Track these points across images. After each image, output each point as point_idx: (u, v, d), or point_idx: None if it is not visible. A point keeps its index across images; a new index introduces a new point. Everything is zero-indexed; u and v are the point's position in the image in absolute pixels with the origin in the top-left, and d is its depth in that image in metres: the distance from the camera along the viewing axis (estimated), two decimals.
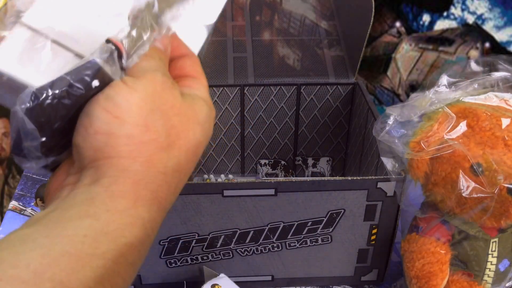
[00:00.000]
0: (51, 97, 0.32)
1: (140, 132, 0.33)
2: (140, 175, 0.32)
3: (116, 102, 0.32)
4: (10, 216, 0.89)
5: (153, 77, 0.34)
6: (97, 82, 0.33)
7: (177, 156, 0.34)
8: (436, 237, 0.64)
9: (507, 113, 0.61)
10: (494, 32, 1.41)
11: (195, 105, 0.36)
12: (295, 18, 0.94)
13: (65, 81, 0.33)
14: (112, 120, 0.32)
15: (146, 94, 0.33)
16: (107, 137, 0.32)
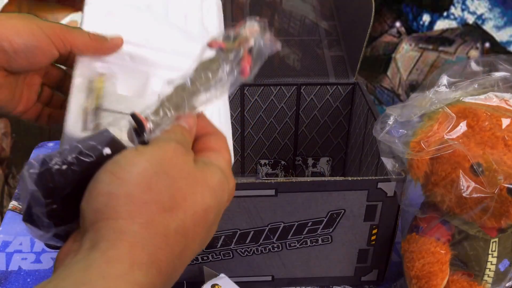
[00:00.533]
0: (60, 163, 0.32)
1: (141, 191, 0.32)
2: (138, 236, 0.31)
3: (121, 164, 0.33)
4: (10, 216, 0.89)
5: (165, 144, 0.35)
6: (109, 150, 0.34)
7: (182, 219, 0.33)
8: (436, 237, 0.64)
9: (507, 113, 0.61)
10: (494, 32, 1.41)
11: (206, 170, 0.36)
12: (295, 18, 0.94)
13: (76, 148, 0.33)
14: (114, 180, 0.32)
15: (153, 157, 0.33)
16: (107, 198, 0.32)
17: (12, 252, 0.81)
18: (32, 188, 0.32)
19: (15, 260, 0.80)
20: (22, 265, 0.79)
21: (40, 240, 0.35)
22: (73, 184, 0.33)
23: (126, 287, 0.30)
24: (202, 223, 0.35)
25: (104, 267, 0.30)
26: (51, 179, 0.32)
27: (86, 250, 0.31)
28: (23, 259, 0.80)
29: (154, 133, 0.36)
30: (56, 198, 0.33)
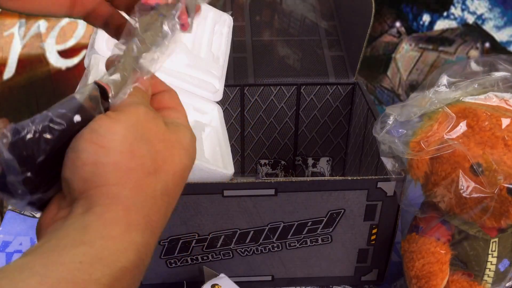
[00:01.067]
0: (33, 131, 0.33)
1: (126, 158, 0.33)
2: (131, 200, 0.33)
3: (101, 133, 0.33)
4: (10, 216, 0.89)
5: (135, 108, 0.36)
6: (79, 117, 0.34)
7: (164, 180, 0.35)
8: (436, 237, 0.64)
9: (507, 113, 0.61)
10: (494, 32, 1.41)
11: (179, 132, 0.38)
12: (295, 18, 0.94)
13: (47, 117, 0.33)
14: (98, 150, 0.33)
15: (129, 123, 0.34)
16: (94, 167, 0.33)
17: (12, 252, 0.81)
18: (7, 156, 0.32)
19: None
20: None
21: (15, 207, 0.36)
22: (46, 151, 0.33)
23: (124, 246, 0.32)
24: (181, 182, 0.37)
25: (101, 229, 0.31)
26: (24, 147, 0.33)
27: (80, 215, 0.32)
28: None
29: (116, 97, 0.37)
30: (30, 166, 0.33)
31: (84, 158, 0.33)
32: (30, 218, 0.89)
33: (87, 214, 0.32)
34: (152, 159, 0.35)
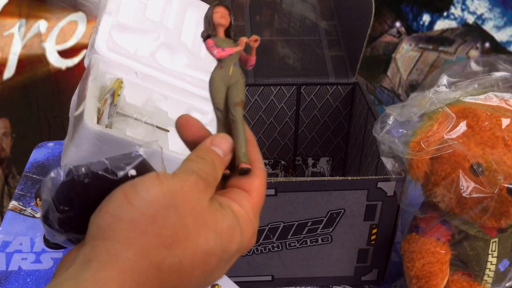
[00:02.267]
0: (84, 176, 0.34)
1: (146, 222, 0.32)
2: (129, 263, 0.32)
3: (137, 189, 0.33)
4: (10, 216, 0.89)
5: (186, 176, 0.35)
6: (134, 172, 0.35)
7: (179, 257, 0.33)
8: (436, 237, 0.64)
9: (507, 113, 0.61)
10: (494, 32, 1.41)
11: (218, 213, 0.35)
12: (295, 18, 0.94)
13: (103, 165, 0.34)
14: (124, 204, 0.32)
15: (168, 189, 0.33)
16: (113, 219, 0.32)
17: (12, 252, 0.81)
18: (53, 194, 0.33)
19: (15, 260, 0.80)
20: (22, 265, 0.79)
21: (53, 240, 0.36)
22: (93, 197, 0.34)
23: None
24: (201, 265, 0.34)
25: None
26: (73, 189, 0.34)
27: (79, 265, 0.32)
28: (23, 259, 0.80)
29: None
30: (74, 207, 0.34)
31: (109, 207, 0.33)
32: (30, 218, 0.89)
33: (84, 269, 0.31)
34: (174, 231, 0.33)
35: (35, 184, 0.96)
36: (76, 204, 0.34)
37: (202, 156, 0.37)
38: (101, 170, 0.34)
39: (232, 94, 0.42)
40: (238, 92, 0.42)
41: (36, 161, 1.03)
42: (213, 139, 0.39)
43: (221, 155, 0.38)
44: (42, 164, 1.02)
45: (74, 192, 0.34)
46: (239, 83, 0.42)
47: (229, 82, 0.42)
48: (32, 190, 0.95)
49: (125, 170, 0.34)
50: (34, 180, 0.98)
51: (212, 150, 0.38)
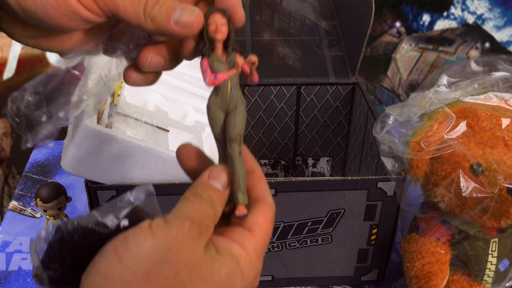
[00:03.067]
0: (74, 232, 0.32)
1: (138, 281, 0.31)
2: None
3: (128, 245, 0.31)
4: (10, 216, 0.89)
5: (179, 225, 0.33)
6: (127, 222, 0.33)
7: None
8: (436, 237, 0.64)
9: (507, 113, 0.61)
10: (494, 32, 1.41)
11: (214, 262, 0.34)
12: (295, 18, 0.94)
13: (93, 218, 0.32)
14: (115, 263, 0.31)
15: (161, 242, 0.32)
16: (103, 280, 0.31)
17: (12, 252, 0.81)
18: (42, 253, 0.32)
19: (15, 260, 0.80)
20: (22, 265, 0.79)
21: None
22: (84, 253, 0.32)
23: None
24: None
25: None
26: (63, 247, 0.32)
27: None
28: (23, 259, 0.80)
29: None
30: (65, 265, 0.33)
31: (100, 266, 0.31)
32: (30, 218, 0.89)
33: None
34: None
35: (35, 184, 0.96)
36: (67, 261, 0.32)
37: (199, 194, 0.35)
38: (91, 224, 0.32)
39: (229, 126, 0.38)
40: (236, 122, 0.38)
41: (36, 161, 1.03)
42: (210, 172, 0.37)
43: (220, 189, 0.36)
44: (42, 164, 1.02)
45: (64, 250, 0.32)
46: (239, 110, 0.38)
47: (227, 108, 0.38)
48: (32, 190, 0.95)
49: (117, 222, 0.33)
50: (34, 180, 0.98)
51: (210, 185, 0.36)
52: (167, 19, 0.36)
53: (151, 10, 0.36)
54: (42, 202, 0.76)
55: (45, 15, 0.35)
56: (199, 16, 0.36)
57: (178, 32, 0.36)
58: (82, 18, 0.36)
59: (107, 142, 0.59)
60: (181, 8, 0.36)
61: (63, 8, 0.35)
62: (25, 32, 0.38)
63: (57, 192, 0.77)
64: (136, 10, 0.36)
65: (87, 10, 0.35)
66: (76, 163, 0.60)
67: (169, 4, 0.36)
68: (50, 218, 0.80)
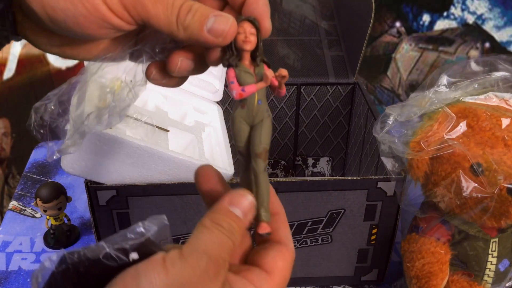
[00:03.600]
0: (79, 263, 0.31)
1: None
2: None
3: (139, 281, 0.29)
4: (10, 216, 0.89)
5: (196, 261, 0.31)
6: (136, 255, 0.31)
7: None
8: (436, 237, 0.64)
9: (507, 113, 0.61)
10: (494, 32, 1.41)
11: None
12: (295, 18, 0.94)
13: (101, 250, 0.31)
14: None
15: (175, 280, 0.30)
16: None
17: (12, 252, 0.81)
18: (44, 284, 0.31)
19: (15, 260, 0.80)
20: (22, 265, 0.79)
21: None
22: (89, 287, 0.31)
23: None
24: None
25: None
26: (67, 279, 0.30)
27: None
28: (23, 259, 0.80)
29: None
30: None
31: None
32: (30, 218, 0.89)
33: None
34: None
35: (35, 184, 0.96)
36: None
37: (219, 222, 0.33)
38: (98, 256, 0.30)
39: (254, 140, 0.36)
40: (262, 137, 0.36)
41: (36, 161, 1.03)
42: (231, 199, 0.35)
43: (241, 217, 0.34)
44: (42, 164, 1.02)
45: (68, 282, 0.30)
46: (265, 124, 0.36)
47: (253, 122, 0.36)
48: (32, 190, 0.95)
49: (126, 254, 0.31)
50: (34, 180, 0.98)
51: (230, 212, 0.34)
52: (200, 28, 0.35)
53: (184, 19, 0.35)
54: (42, 202, 0.76)
55: (75, 24, 0.34)
56: (234, 24, 0.35)
57: (211, 41, 0.35)
58: (113, 27, 0.35)
59: (107, 142, 0.59)
60: (214, 16, 0.35)
61: (94, 16, 0.34)
62: (50, 41, 0.37)
63: (57, 192, 0.77)
64: (169, 19, 0.35)
65: (118, 18, 0.35)
66: (76, 163, 0.60)
67: (202, 11, 0.35)
68: (50, 218, 0.80)
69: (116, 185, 0.62)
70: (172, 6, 0.34)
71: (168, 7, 0.34)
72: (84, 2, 0.33)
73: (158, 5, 0.34)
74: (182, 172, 0.62)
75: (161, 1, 0.34)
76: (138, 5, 0.34)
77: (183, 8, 0.35)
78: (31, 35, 0.37)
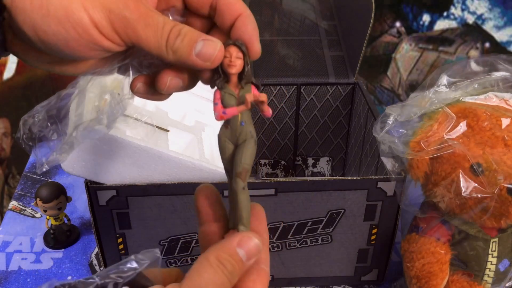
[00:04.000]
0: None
1: None
2: None
3: None
4: (10, 216, 0.89)
5: None
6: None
7: None
8: (436, 237, 0.64)
9: (507, 113, 0.61)
10: (494, 32, 1.41)
11: None
12: (295, 18, 0.94)
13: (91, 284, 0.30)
14: None
15: None
16: None
17: (12, 252, 0.81)
18: None
19: (15, 260, 0.80)
20: (22, 265, 0.79)
21: None
22: None
23: None
24: None
25: None
26: None
27: None
28: (23, 259, 0.80)
29: None
30: None
31: None
32: (30, 218, 0.89)
33: None
34: None
35: (35, 184, 0.96)
36: None
37: (223, 262, 0.33)
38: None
39: (236, 160, 0.38)
40: (243, 157, 0.38)
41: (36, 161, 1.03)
42: (241, 240, 0.35)
43: (244, 260, 0.35)
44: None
45: None
46: (247, 144, 0.38)
47: (237, 141, 0.39)
48: (32, 190, 0.95)
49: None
50: (34, 180, 0.98)
51: (236, 255, 0.34)
52: (189, 52, 0.36)
53: (173, 43, 0.36)
54: (42, 202, 0.76)
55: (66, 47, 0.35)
56: (221, 49, 0.36)
57: (199, 64, 0.36)
58: (103, 48, 0.36)
59: (107, 142, 0.59)
60: (203, 40, 0.36)
61: (85, 40, 0.35)
62: (39, 59, 0.38)
63: (57, 192, 0.77)
64: (159, 42, 0.35)
65: (108, 41, 0.35)
66: (76, 163, 0.60)
67: (191, 36, 0.36)
68: (50, 218, 0.80)
69: (116, 185, 0.62)
70: (162, 30, 0.35)
71: (158, 31, 0.35)
72: (76, 26, 0.34)
73: (148, 29, 0.35)
74: (182, 172, 0.62)
75: (151, 25, 0.35)
76: (129, 29, 0.35)
77: (172, 32, 0.36)
78: (21, 52, 0.37)
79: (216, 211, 0.39)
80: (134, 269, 0.31)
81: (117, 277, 0.31)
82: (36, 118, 0.39)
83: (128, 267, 0.31)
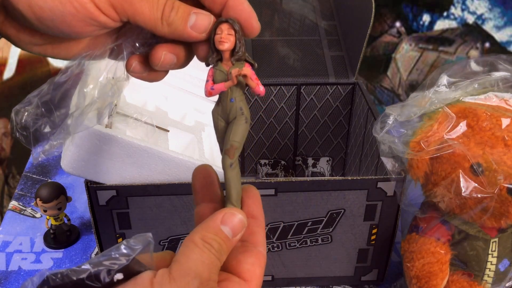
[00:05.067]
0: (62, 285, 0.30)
1: None
2: None
3: None
4: (10, 216, 0.89)
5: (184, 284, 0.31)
6: (121, 276, 0.31)
7: None
8: (436, 237, 0.64)
9: (507, 113, 0.61)
10: (494, 32, 1.41)
11: None
12: (295, 18, 0.94)
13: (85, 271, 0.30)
14: None
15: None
16: None
17: (12, 252, 0.81)
18: None
19: (15, 260, 0.80)
20: (22, 265, 0.79)
21: None
22: None
23: None
24: None
25: None
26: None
27: None
28: (23, 259, 0.80)
29: None
30: None
31: None
32: (30, 218, 0.89)
33: None
34: None
35: (35, 184, 0.96)
36: None
37: (209, 241, 0.33)
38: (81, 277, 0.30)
39: (226, 137, 0.38)
40: (232, 133, 0.37)
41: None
42: (224, 217, 0.35)
43: (230, 237, 0.35)
44: (42, 164, 1.02)
45: None
46: (237, 122, 0.38)
47: (228, 118, 0.38)
48: (32, 190, 0.95)
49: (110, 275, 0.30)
50: (34, 180, 0.98)
51: (221, 232, 0.34)
52: (184, 24, 0.36)
53: (168, 15, 0.36)
54: (42, 202, 0.76)
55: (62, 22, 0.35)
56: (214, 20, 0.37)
57: (194, 36, 0.37)
58: (99, 24, 0.36)
59: (107, 142, 0.59)
60: (195, 13, 0.37)
61: (81, 14, 0.35)
62: (32, 40, 0.38)
63: (57, 192, 0.77)
64: (154, 15, 0.36)
65: (105, 15, 0.36)
66: (76, 163, 0.60)
67: (184, 9, 0.37)
68: (50, 218, 0.80)
69: (116, 185, 0.62)
70: (157, 3, 0.36)
71: (153, 4, 0.36)
72: (73, 1, 0.34)
73: (143, 2, 0.36)
74: (182, 172, 0.62)
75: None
76: (125, 2, 0.35)
77: (167, 5, 0.36)
78: (13, 34, 0.37)
79: (212, 192, 0.39)
80: (127, 255, 0.31)
81: (110, 264, 0.30)
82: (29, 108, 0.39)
83: (121, 253, 0.31)
